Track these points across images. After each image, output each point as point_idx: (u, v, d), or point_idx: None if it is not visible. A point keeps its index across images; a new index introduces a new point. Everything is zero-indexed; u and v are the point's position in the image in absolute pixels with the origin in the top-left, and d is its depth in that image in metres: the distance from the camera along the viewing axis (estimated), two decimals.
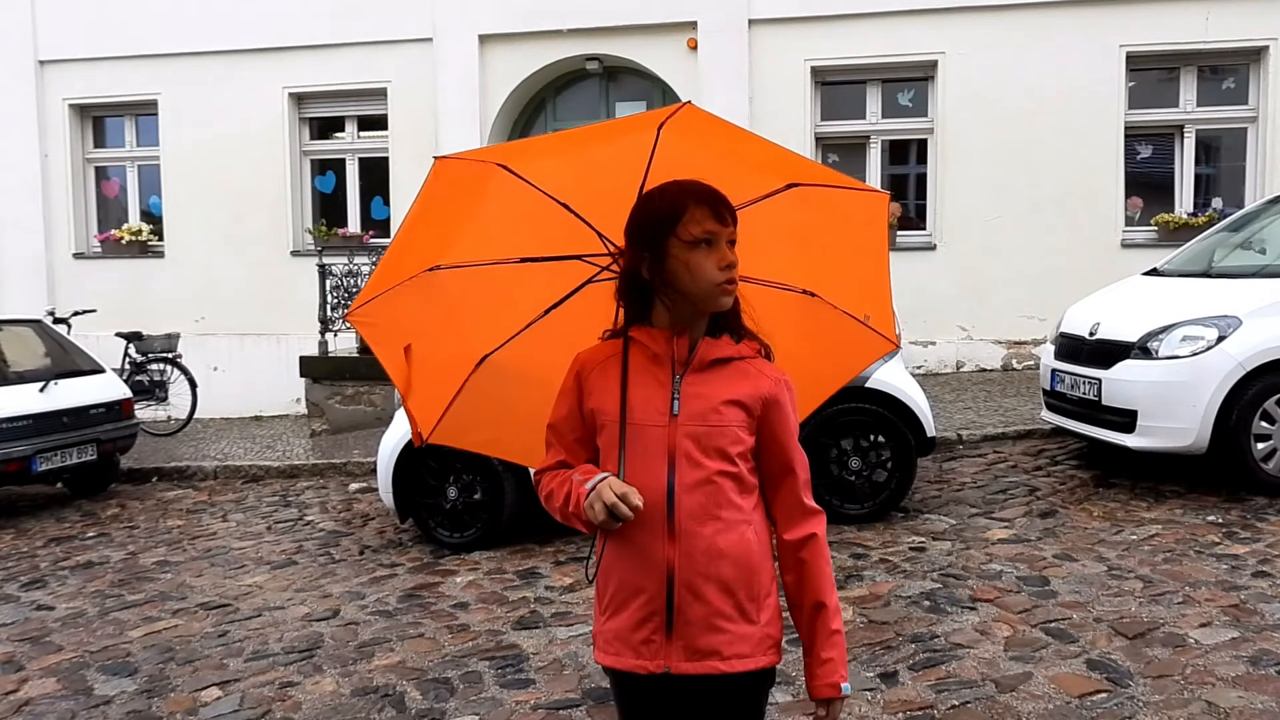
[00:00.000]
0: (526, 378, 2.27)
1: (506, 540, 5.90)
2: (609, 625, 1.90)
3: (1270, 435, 5.71)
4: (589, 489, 1.80)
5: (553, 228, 2.14)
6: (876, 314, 2.24)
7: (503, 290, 2.26)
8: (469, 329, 2.28)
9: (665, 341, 1.88)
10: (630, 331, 1.93)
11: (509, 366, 2.28)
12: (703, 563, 1.82)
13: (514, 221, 2.19)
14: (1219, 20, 10.07)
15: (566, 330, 2.19)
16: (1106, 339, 6.18)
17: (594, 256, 2.18)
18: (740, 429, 1.86)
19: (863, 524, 5.72)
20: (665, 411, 1.85)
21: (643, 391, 1.88)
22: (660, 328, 1.90)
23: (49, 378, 8.01)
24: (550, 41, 11.44)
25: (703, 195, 1.84)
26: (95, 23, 12.46)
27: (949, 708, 3.46)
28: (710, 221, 1.82)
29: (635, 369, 1.90)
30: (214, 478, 8.71)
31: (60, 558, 6.52)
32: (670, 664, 1.83)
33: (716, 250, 1.83)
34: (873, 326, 2.23)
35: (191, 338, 11.85)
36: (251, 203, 12.26)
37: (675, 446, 1.84)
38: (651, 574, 1.83)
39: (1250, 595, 4.28)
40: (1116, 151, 10.38)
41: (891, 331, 2.26)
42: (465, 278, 2.22)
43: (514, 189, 2.07)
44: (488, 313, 2.28)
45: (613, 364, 1.92)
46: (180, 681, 4.27)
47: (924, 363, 10.68)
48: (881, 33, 10.77)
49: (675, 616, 1.82)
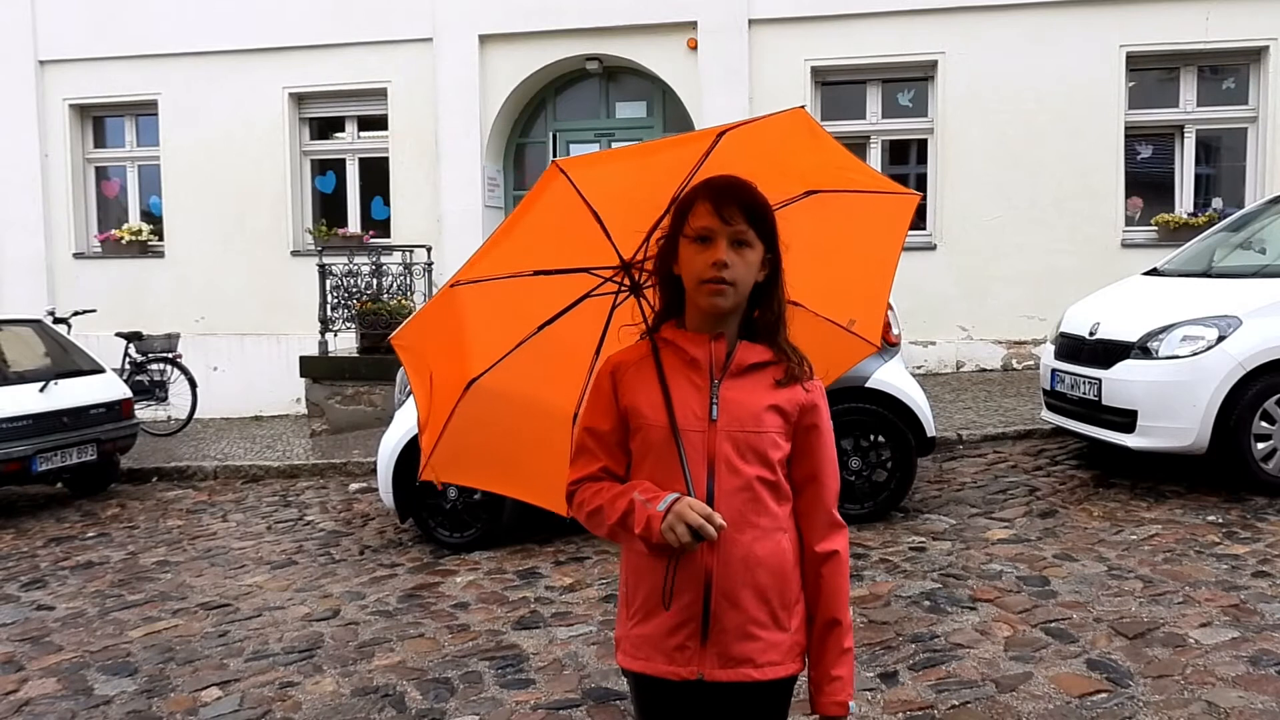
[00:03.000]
0: (513, 403, 2.13)
1: (506, 540, 5.90)
2: (638, 630, 1.87)
3: (1270, 435, 5.71)
4: (663, 510, 1.71)
5: (578, 238, 2.00)
6: (864, 316, 2.22)
7: (509, 307, 2.10)
8: (467, 350, 2.12)
9: (703, 344, 1.85)
10: (664, 333, 1.89)
11: (497, 390, 2.11)
12: (740, 570, 1.80)
13: (549, 232, 2.02)
14: (1219, 20, 10.07)
15: (557, 349, 2.09)
16: (1106, 339, 6.18)
17: (600, 269, 2.07)
18: (778, 435, 1.84)
19: (863, 524, 5.72)
20: (704, 417, 1.82)
21: (680, 395, 1.83)
22: (693, 329, 1.87)
23: (49, 378, 8.01)
24: (550, 41, 11.44)
25: (713, 191, 1.81)
26: (95, 23, 12.46)
27: (949, 708, 3.46)
28: (709, 217, 1.79)
29: (671, 372, 1.85)
30: (214, 478, 8.71)
31: (60, 558, 6.51)
32: (704, 670, 1.82)
33: (711, 248, 1.79)
34: (855, 331, 2.21)
35: (191, 338, 11.85)
36: (251, 203, 12.26)
37: (715, 452, 1.81)
38: (689, 581, 1.80)
39: (1250, 595, 4.28)
40: (1116, 151, 10.38)
41: (876, 334, 2.24)
42: (479, 294, 2.04)
43: (564, 196, 1.94)
44: (488, 332, 2.12)
45: (647, 365, 1.87)
46: (180, 681, 4.27)
47: (924, 363, 10.68)
48: (881, 33, 10.77)
49: (711, 624, 1.80)
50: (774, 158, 1.97)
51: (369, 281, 10.59)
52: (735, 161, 1.87)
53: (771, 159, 1.96)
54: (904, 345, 6.50)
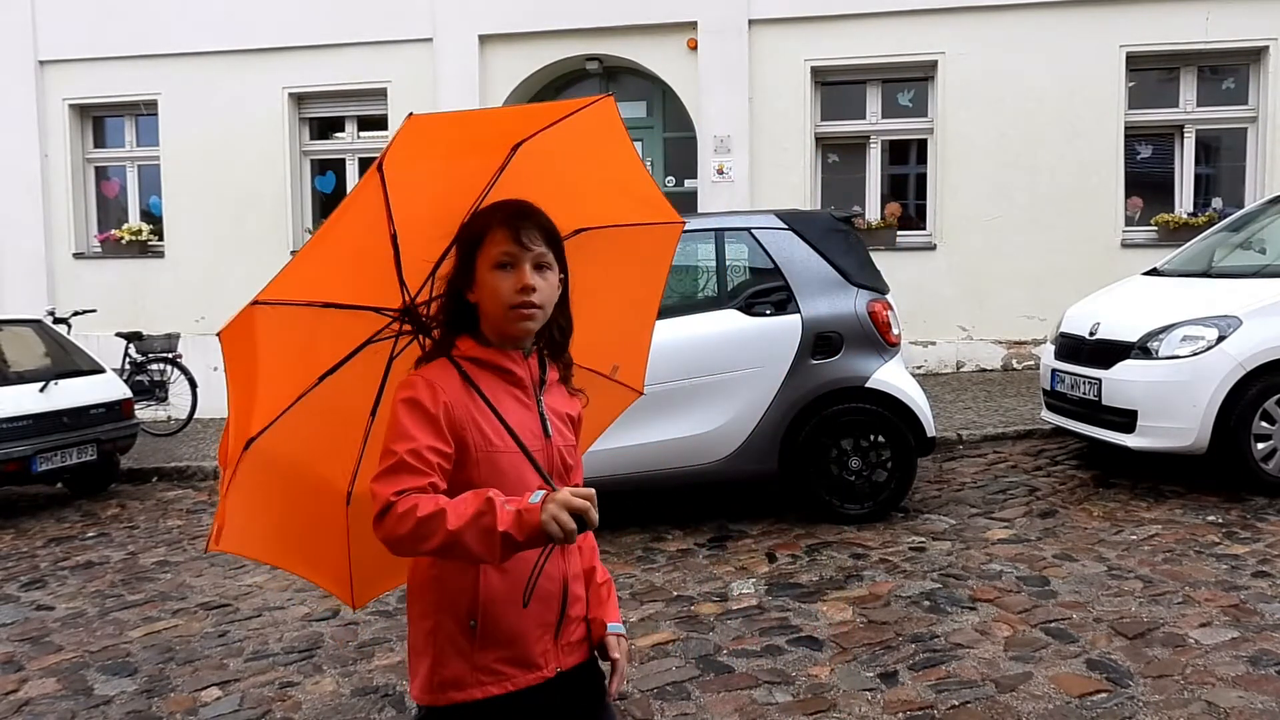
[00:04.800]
0: (286, 474, 1.87)
1: None
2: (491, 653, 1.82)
3: (1270, 435, 5.71)
4: (537, 503, 1.60)
5: (372, 264, 1.78)
6: (627, 361, 2.18)
7: (297, 345, 1.81)
8: (256, 395, 1.79)
9: (521, 362, 1.85)
10: (468, 352, 1.82)
11: (272, 455, 1.81)
12: (575, 562, 1.94)
13: (349, 252, 1.78)
14: (1219, 20, 10.07)
15: (333, 408, 1.85)
16: (1106, 339, 6.19)
17: (386, 309, 1.86)
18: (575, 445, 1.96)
19: (863, 524, 5.72)
20: (540, 434, 1.84)
21: (515, 416, 1.81)
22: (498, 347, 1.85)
23: (49, 378, 8.00)
24: (550, 41, 11.44)
25: (508, 217, 1.80)
26: (95, 23, 12.46)
27: (949, 708, 3.46)
28: (509, 243, 1.78)
29: (493, 391, 1.80)
30: (214, 478, 8.71)
31: (60, 558, 6.51)
32: (561, 663, 1.90)
33: (515, 273, 1.78)
34: (620, 380, 2.19)
35: (191, 338, 11.83)
36: (251, 203, 12.25)
37: (553, 467, 1.84)
38: (549, 585, 1.86)
39: (1250, 595, 4.28)
40: (1116, 151, 10.38)
41: (640, 380, 2.23)
42: (275, 320, 1.73)
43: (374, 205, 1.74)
44: (275, 375, 1.80)
45: (466, 387, 1.78)
46: (180, 681, 4.27)
47: (924, 363, 10.68)
48: (881, 33, 10.77)
49: (564, 620, 1.90)
50: (563, 176, 1.92)
51: None
52: (529, 180, 1.85)
53: (560, 177, 1.91)
54: (904, 345, 6.50)
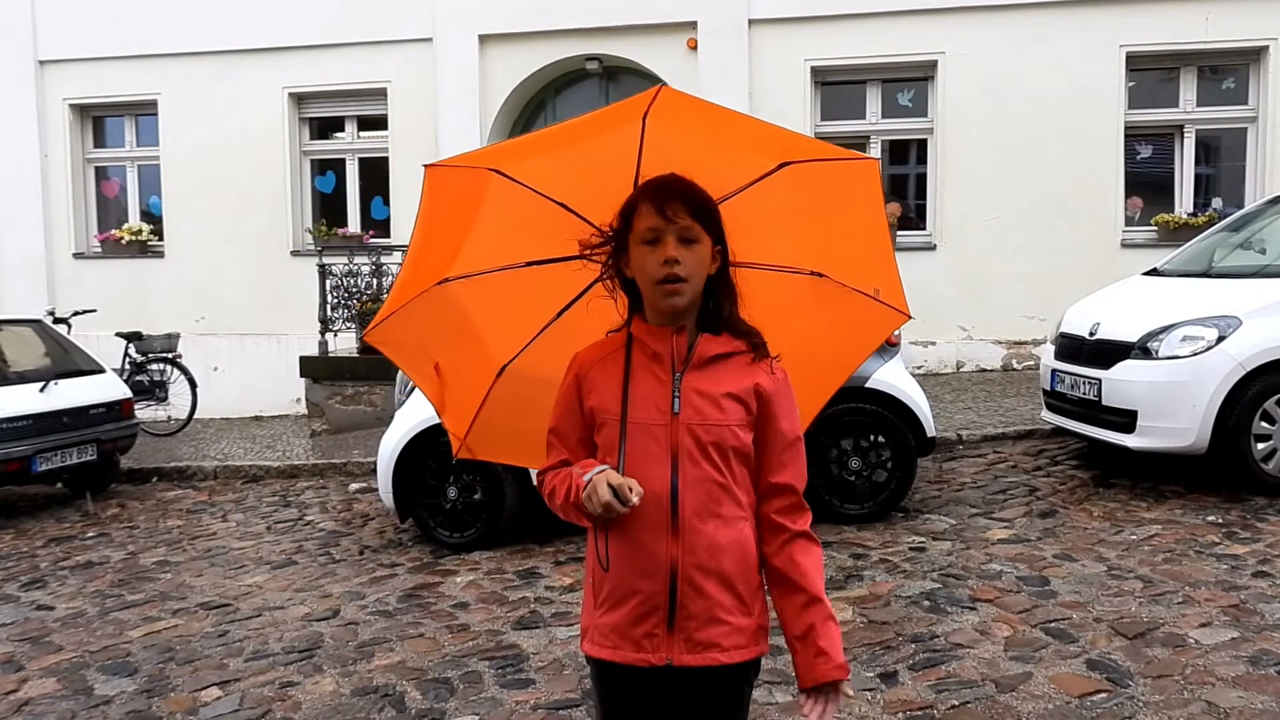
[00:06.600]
0: (547, 382, 2.20)
1: (506, 540, 5.90)
2: (605, 619, 1.92)
3: (1270, 435, 5.71)
4: (586, 480, 1.80)
5: (554, 229, 2.11)
6: (885, 286, 2.20)
7: (514, 296, 2.24)
8: (487, 338, 2.28)
9: (665, 339, 1.89)
10: (633, 329, 1.94)
11: (528, 373, 2.27)
12: (705, 558, 1.84)
13: (515, 226, 2.17)
14: (1219, 20, 10.08)
15: (581, 330, 2.18)
16: (1106, 339, 6.18)
17: (598, 255, 2.14)
18: (739, 427, 1.88)
19: (863, 524, 5.72)
20: (666, 410, 1.86)
21: (643, 389, 1.88)
22: (655, 324, 1.91)
23: (49, 378, 8.01)
24: (550, 41, 11.44)
25: (653, 191, 1.86)
26: (95, 23, 12.46)
27: (949, 708, 3.46)
28: (654, 217, 1.84)
29: (636, 366, 1.90)
30: (214, 478, 8.71)
31: (60, 558, 6.51)
32: (672, 656, 1.86)
33: (660, 247, 1.83)
34: (884, 300, 2.19)
35: (191, 338, 11.85)
36: (251, 203, 12.26)
37: (678, 444, 1.85)
38: (655, 571, 1.85)
39: (1250, 595, 4.28)
40: (1116, 151, 10.38)
41: (903, 302, 2.21)
42: (476, 287, 2.20)
43: (510, 193, 2.06)
44: (502, 321, 2.27)
45: (613, 361, 1.93)
46: (180, 681, 4.26)
47: (924, 363, 10.68)
48: (881, 33, 10.77)
49: (677, 611, 1.85)
50: (712, 131, 2.01)
51: (369, 281, 10.60)
52: (683, 139, 1.95)
53: (710, 134, 2.01)
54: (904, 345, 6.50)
